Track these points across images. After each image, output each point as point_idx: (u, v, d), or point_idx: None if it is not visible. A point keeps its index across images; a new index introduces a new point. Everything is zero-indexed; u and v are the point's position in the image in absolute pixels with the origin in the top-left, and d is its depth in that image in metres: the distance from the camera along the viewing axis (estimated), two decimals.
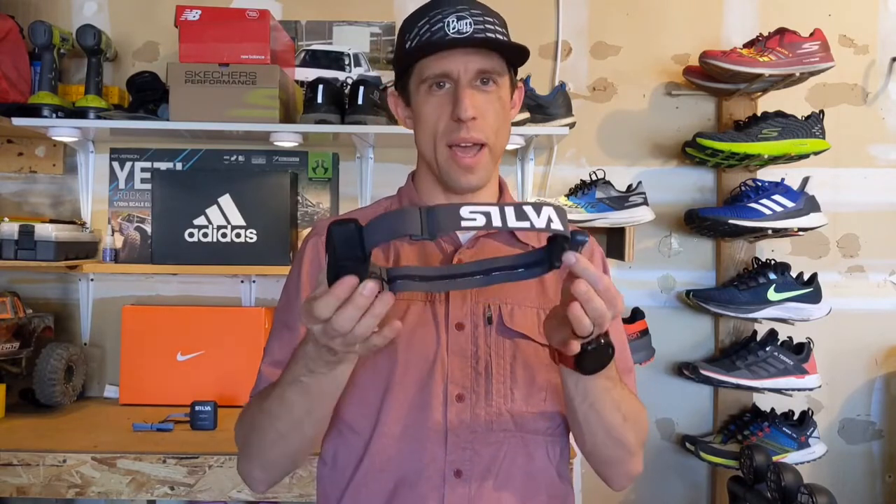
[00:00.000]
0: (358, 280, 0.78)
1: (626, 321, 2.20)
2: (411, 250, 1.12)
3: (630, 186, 2.20)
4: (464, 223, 0.78)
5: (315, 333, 0.84)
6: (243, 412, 1.13)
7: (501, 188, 1.19)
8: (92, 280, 2.40)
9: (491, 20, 1.07)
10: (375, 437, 1.05)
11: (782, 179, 2.20)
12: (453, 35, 1.04)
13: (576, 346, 0.88)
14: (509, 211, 0.79)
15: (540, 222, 0.79)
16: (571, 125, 2.20)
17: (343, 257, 0.78)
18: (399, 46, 1.11)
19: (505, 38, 1.08)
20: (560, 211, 0.81)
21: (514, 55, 1.09)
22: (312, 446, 1.08)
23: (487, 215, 0.78)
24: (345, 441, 1.09)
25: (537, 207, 0.80)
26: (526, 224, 0.79)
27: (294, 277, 1.16)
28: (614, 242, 2.21)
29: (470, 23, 1.04)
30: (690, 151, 2.23)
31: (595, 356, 0.91)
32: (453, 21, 1.04)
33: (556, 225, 0.80)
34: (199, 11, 2.11)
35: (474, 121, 1.05)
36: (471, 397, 1.05)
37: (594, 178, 2.20)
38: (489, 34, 1.05)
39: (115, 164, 2.37)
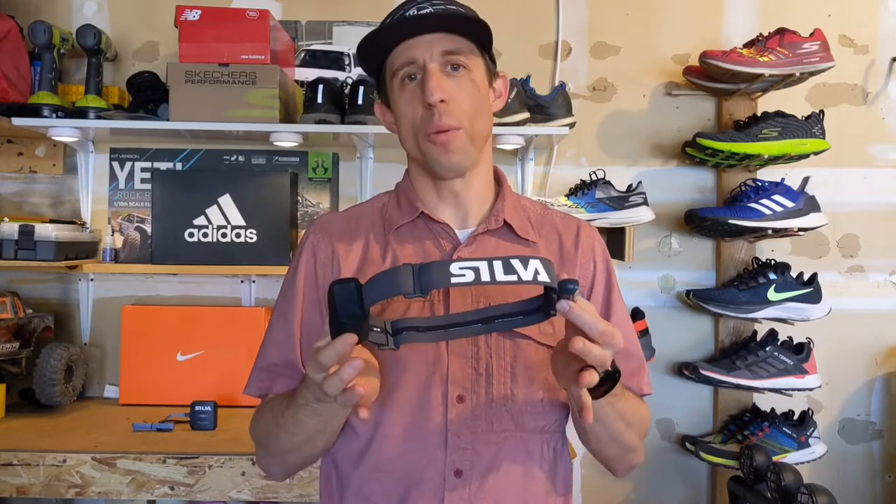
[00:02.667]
0: (357, 338, 0.83)
1: None
2: (412, 249, 1.11)
3: (630, 186, 2.20)
4: (454, 279, 0.83)
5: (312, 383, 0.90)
6: (257, 416, 1.15)
7: (499, 179, 1.18)
8: (92, 280, 2.40)
9: (453, 7, 1.07)
10: (376, 438, 1.05)
11: (782, 179, 2.20)
12: (410, 16, 1.04)
13: (591, 378, 0.89)
14: (497, 265, 0.83)
15: (527, 275, 0.83)
16: (571, 125, 2.20)
17: (344, 315, 0.83)
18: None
19: (464, 13, 1.07)
20: (547, 263, 0.85)
21: (477, 32, 1.07)
22: (326, 450, 1.11)
23: (476, 270, 0.83)
24: (346, 441, 1.09)
25: (524, 261, 0.84)
26: (513, 277, 0.83)
27: (290, 280, 1.16)
28: (614, 242, 2.21)
29: (430, 10, 1.04)
30: (690, 151, 2.23)
31: (603, 383, 0.93)
32: (413, 10, 1.05)
33: (543, 277, 0.83)
34: (199, 11, 2.11)
35: (444, 104, 1.03)
36: (471, 398, 1.04)
37: (594, 178, 2.20)
38: (450, 7, 1.05)
39: (115, 164, 2.37)
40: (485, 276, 0.82)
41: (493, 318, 0.92)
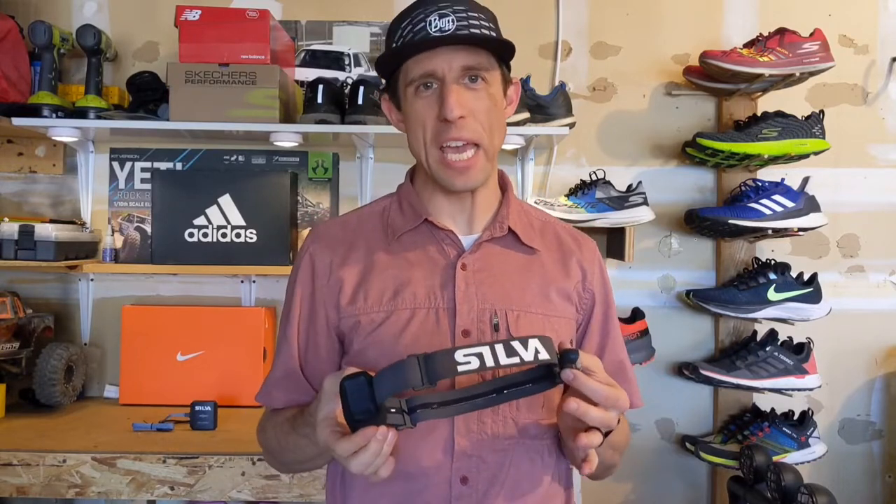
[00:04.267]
0: (375, 429, 0.86)
1: (626, 321, 2.20)
2: (416, 256, 1.10)
3: (630, 186, 2.20)
4: (460, 368, 0.85)
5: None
6: (263, 426, 1.18)
7: (504, 185, 1.18)
8: (92, 280, 2.40)
9: (475, 15, 1.04)
10: None
11: (782, 179, 2.20)
12: (434, 34, 1.01)
13: (591, 440, 0.93)
14: (499, 349, 0.87)
15: (528, 355, 0.87)
16: (571, 125, 2.20)
17: (358, 411, 0.86)
18: (385, 50, 1.10)
19: (490, 33, 1.05)
20: (545, 340, 0.89)
21: (501, 50, 1.06)
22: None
23: (480, 356, 0.86)
24: None
25: (524, 342, 0.88)
26: (516, 360, 0.86)
27: (290, 294, 1.16)
28: (614, 242, 2.21)
29: (452, 20, 1.02)
30: (690, 151, 2.23)
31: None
32: (435, 19, 1.02)
33: (544, 355, 0.87)
34: (199, 11, 2.11)
35: (463, 120, 1.03)
36: None
37: (594, 178, 2.20)
38: (473, 30, 1.03)
39: (115, 164, 2.37)
40: (489, 362, 0.86)
41: (503, 389, 0.96)
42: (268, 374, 1.17)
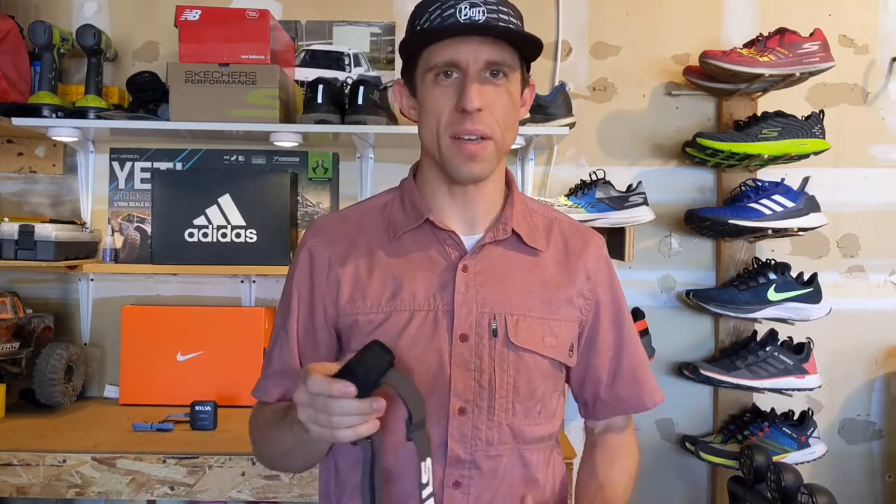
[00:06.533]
0: (356, 391, 0.85)
1: None
2: (417, 258, 1.09)
3: (630, 186, 2.20)
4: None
5: (298, 403, 0.90)
6: (255, 417, 1.17)
7: (509, 183, 1.16)
8: (92, 280, 2.40)
9: (506, 10, 1.03)
10: None
11: (782, 179, 2.20)
12: (464, 21, 1.00)
13: None
14: None
15: None
16: (571, 125, 2.20)
17: (366, 376, 0.86)
18: (408, 31, 1.07)
19: (518, 29, 1.04)
20: None
21: (528, 47, 1.05)
22: (317, 462, 1.13)
23: None
24: (346, 449, 1.08)
25: None
26: None
27: (287, 287, 1.15)
28: (614, 242, 2.21)
29: (483, 10, 1.00)
30: (690, 151, 2.23)
31: None
32: (466, 8, 1.00)
33: None
34: (199, 11, 2.11)
35: (480, 113, 1.01)
36: (473, 411, 1.04)
37: (594, 178, 2.20)
38: (502, 23, 1.01)
39: (115, 164, 2.37)
40: None
41: None
42: (263, 367, 1.15)
